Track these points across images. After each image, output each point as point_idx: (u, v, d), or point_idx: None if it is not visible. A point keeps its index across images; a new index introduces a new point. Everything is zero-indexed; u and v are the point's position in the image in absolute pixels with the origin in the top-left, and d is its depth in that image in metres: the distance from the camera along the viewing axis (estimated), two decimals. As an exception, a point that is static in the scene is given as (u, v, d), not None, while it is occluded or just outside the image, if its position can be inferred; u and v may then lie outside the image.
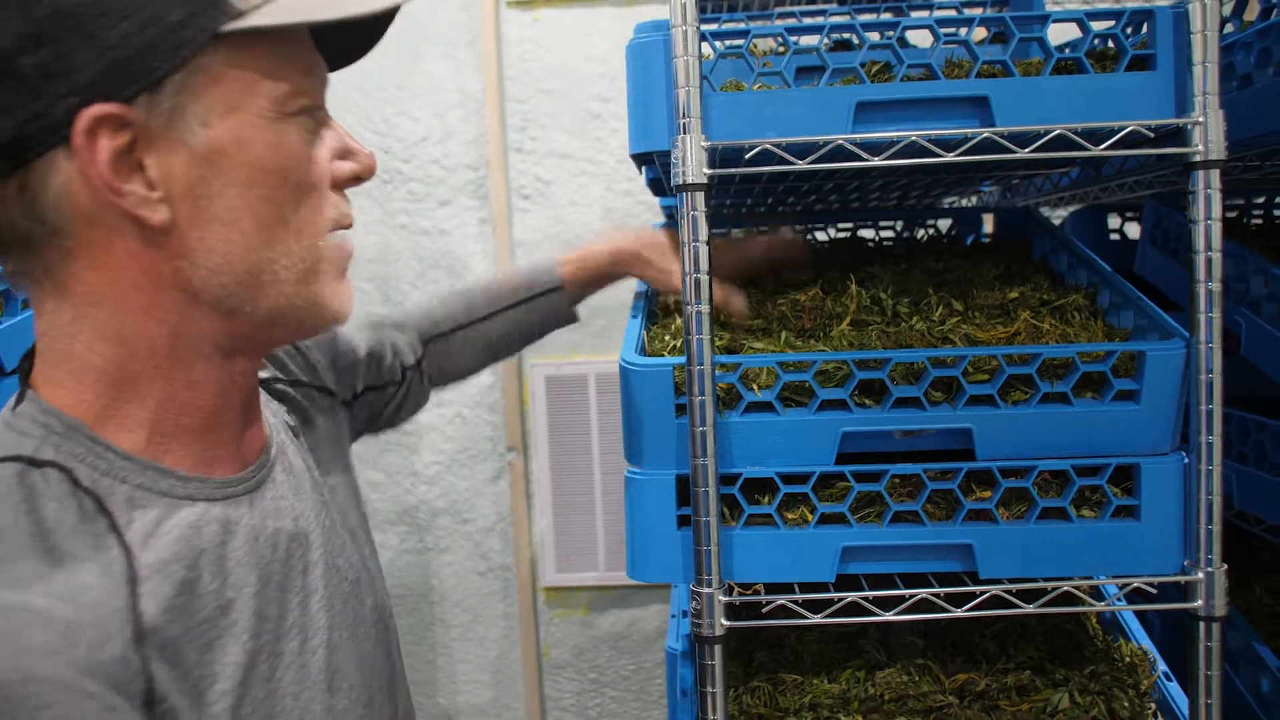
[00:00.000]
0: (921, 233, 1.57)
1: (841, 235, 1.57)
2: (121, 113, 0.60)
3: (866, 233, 1.57)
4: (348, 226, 0.74)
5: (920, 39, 1.12)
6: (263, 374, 0.92)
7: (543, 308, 1.27)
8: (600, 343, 2.70)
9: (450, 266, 2.66)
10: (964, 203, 1.90)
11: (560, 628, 2.75)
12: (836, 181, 1.34)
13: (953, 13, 1.39)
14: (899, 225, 1.56)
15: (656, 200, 2.72)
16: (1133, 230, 1.71)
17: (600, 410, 2.69)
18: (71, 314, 0.65)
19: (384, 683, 0.85)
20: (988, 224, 1.56)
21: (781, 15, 1.48)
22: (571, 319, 1.33)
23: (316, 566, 0.77)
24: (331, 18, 0.65)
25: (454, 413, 2.71)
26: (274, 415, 0.86)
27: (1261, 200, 1.56)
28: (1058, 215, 1.98)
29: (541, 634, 2.76)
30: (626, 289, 2.68)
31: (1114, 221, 1.72)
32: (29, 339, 1.37)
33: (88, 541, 0.60)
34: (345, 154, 0.73)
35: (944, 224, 1.59)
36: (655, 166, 1.35)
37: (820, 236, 1.55)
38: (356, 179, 0.74)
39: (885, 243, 1.52)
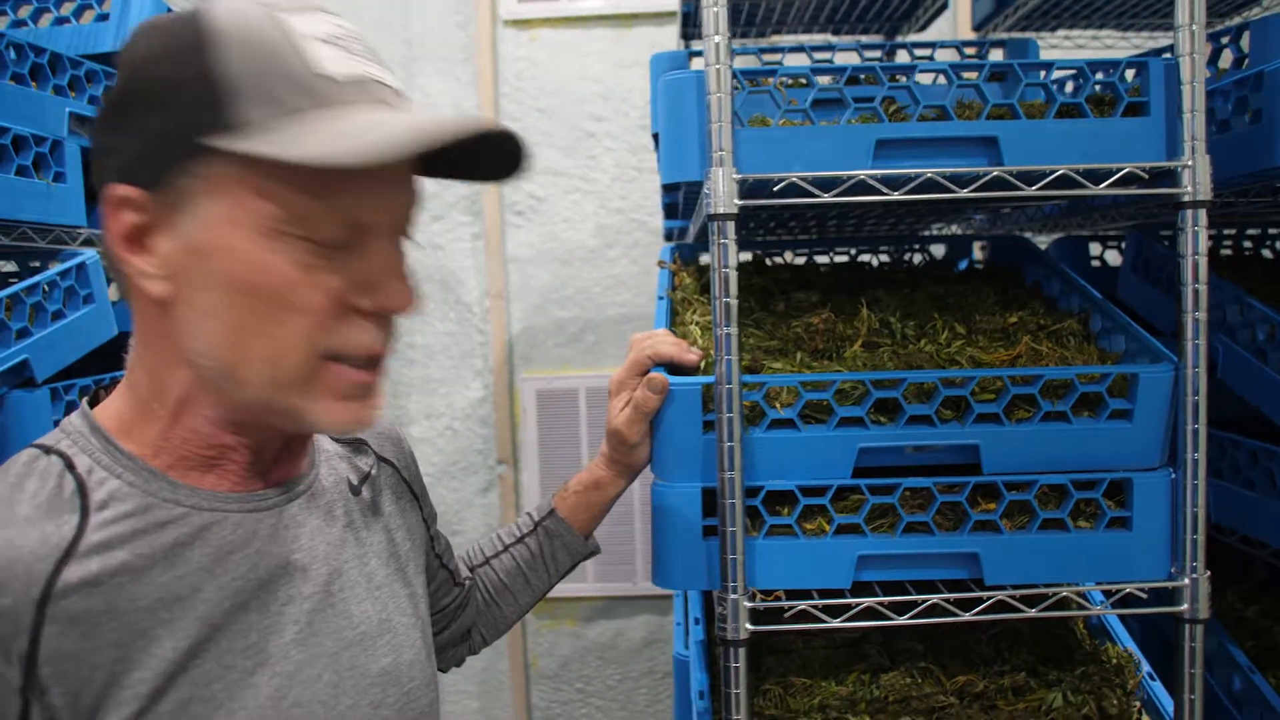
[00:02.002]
0: (917, 258, 1.66)
1: (839, 259, 1.64)
2: (138, 197, 0.69)
3: (862, 256, 1.65)
4: (364, 355, 0.73)
5: (923, 76, 1.19)
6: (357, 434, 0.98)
7: (546, 537, 1.21)
8: (591, 357, 2.76)
9: (444, 281, 2.71)
10: (953, 229, 1.99)
11: (548, 638, 2.80)
12: (840, 210, 1.42)
13: (953, 53, 1.48)
14: (893, 250, 1.64)
15: (648, 219, 2.80)
16: (1112, 257, 1.81)
17: (591, 424, 2.75)
18: (134, 341, 0.77)
19: None
20: (976, 249, 1.65)
21: (793, 51, 1.55)
22: (580, 547, 1.22)
23: (305, 601, 0.78)
24: (306, 158, 0.65)
25: (445, 425, 2.76)
26: (339, 467, 0.91)
27: (1232, 232, 1.66)
28: (1040, 241, 2.08)
29: (529, 644, 2.81)
30: (617, 305, 2.75)
31: (1094, 248, 1.81)
32: (58, 351, 1.42)
33: (45, 514, 0.67)
34: (367, 287, 0.72)
35: (936, 249, 1.67)
36: (673, 193, 1.42)
37: (822, 260, 1.63)
38: (381, 311, 0.73)
39: (885, 267, 1.60)
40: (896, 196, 1.07)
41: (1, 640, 0.62)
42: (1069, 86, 1.16)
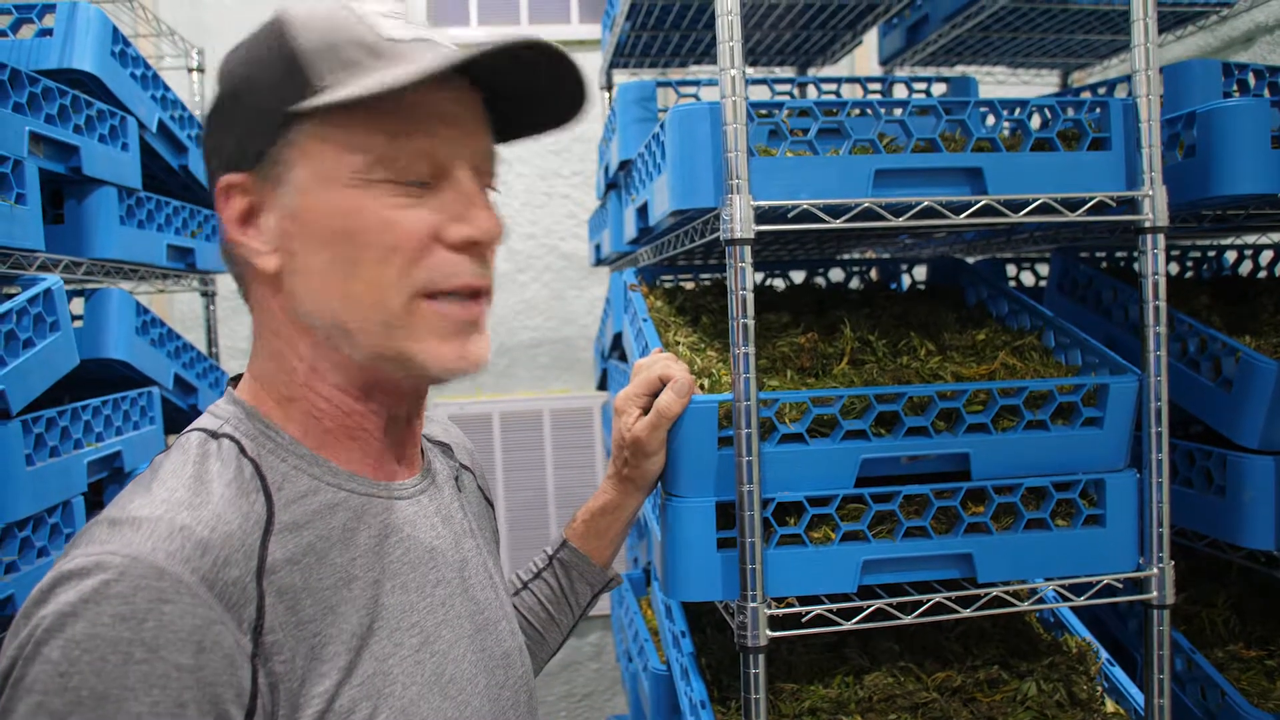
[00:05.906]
0: (854, 280, 1.75)
1: (783, 281, 1.72)
2: (242, 180, 0.77)
3: (796, 274, 1.73)
4: (460, 289, 0.77)
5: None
6: (442, 439, 1.04)
7: (562, 569, 1.20)
8: (504, 382, 2.75)
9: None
10: (876, 254, 2.11)
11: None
12: (804, 236, 1.49)
13: (918, 90, 1.57)
14: (811, 272, 1.73)
15: (560, 244, 2.81)
16: (1026, 278, 1.96)
17: (505, 449, 2.73)
18: (255, 334, 0.83)
19: None
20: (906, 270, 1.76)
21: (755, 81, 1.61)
22: (597, 576, 1.20)
23: (447, 585, 0.85)
24: (366, 91, 0.70)
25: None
26: (444, 465, 0.97)
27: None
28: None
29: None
30: (529, 329, 2.74)
31: (1010, 270, 1.95)
32: (29, 381, 1.31)
33: (238, 493, 0.72)
34: (454, 220, 0.76)
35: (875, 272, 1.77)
36: (644, 217, 1.46)
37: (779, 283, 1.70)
38: (472, 243, 0.76)
39: (837, 288, 1.68)
40: (900, 223, 1.14)
41: (235, 609, 0.66)
42: (1035, 120, 1.26)
